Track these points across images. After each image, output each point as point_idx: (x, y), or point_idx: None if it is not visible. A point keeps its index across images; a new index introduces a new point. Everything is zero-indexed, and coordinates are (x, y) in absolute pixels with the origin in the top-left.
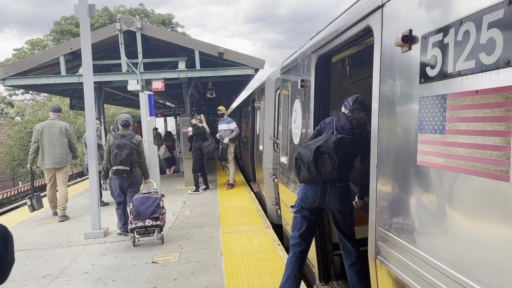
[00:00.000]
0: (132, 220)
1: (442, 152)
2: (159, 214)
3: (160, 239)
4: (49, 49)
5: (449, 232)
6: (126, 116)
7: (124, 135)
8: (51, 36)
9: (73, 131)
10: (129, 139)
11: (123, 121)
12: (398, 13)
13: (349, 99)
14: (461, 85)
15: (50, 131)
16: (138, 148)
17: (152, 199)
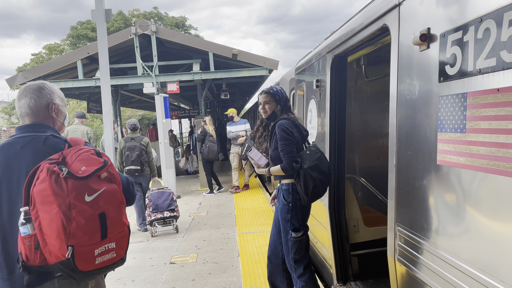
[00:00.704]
0: (151, 213)
1: (463, 151)
2: (174, 206)
3: (175, 229)
4: (67, 53)
5: (471, 232)
6: (133, 121)
7: (133, 138)
8: (68, 40)
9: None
10: (138, 141)
11: (131, 125)
12: (416, 12)
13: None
14: (482, 83)
15: (73, 135)
16: (146, 149)
17: (166, 194)
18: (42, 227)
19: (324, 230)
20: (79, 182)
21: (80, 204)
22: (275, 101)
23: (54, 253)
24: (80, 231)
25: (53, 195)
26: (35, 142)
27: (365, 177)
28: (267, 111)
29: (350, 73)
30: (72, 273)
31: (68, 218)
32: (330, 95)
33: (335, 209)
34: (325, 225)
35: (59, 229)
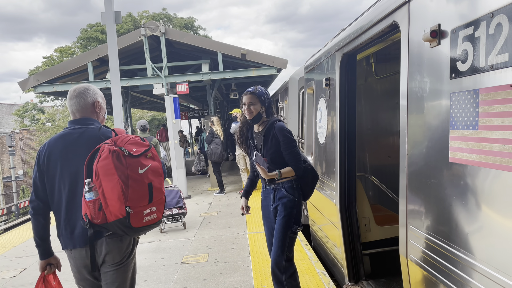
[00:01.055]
0: None
1: (476, 148)
2: (182, 204)
3: (183, 225)
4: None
5: (485, 230)
6: (143, 122)
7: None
8: (78, 43)
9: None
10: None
11: (141, 126)
12: (426, 8)
13: None
14: (494, 79)
15: None
16: (156, 148)
17: (174, 191)
18: (105, 193)
19: (335, 229)
20: (134, 159)
21: (135, 175)
22: (260, 102)
23: (114, 212)
24: (134, 195)
25: (114, 168)
26: (90, 131)
27: (376, 175)
28: (252, 112)
29: (360, 71)
30: (126, 229)
31: (126, 185)
32: (339, 93)
33: (346, 208)
34: (336, 224)
35: (119, 193)
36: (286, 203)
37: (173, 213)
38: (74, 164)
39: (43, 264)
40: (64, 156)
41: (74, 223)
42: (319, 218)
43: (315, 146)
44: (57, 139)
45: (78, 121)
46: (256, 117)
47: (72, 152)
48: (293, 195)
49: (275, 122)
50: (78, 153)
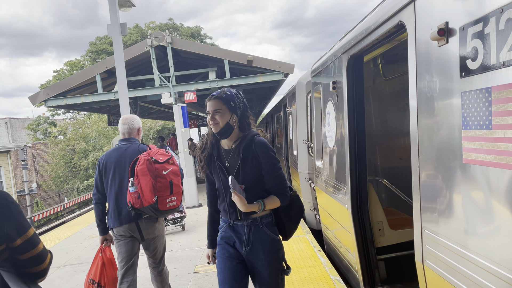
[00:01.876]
0: None
1: (490, 148)
2: (182, 208)
3: (182, 228)
4: (86, 69)
5: (503, 234)
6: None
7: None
8: (87, 56)
9: None
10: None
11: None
12: (432, 6)
13: None
14: (506, 76)
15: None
16: None
17: None
18: (142, 187)
19: (348, 234)
20: (160, 165)
21: (161, 175)
22: (229, 110)
23: (148, 200)
24: (161, 188)
25: (147, 171)
26: (133, 146)
27: (388, 178)
28: (218, 123)
29: (367, 72)
30: (155, 212)
31: (155, 182)
32: (347, 96)
33: (358, 213)
34: (349, 229)
35: (151, 187)
36: (272, 248)
37: (175, 217)
38: (123, 168)
39: (102, 238)
40: (117, 163)
41: (121, 208)
42: (331, 223)
43: (325, 150)
44: (112, 151)
45: (126, 139)
46: (224, 129)
47: (122, 160)
48: (275, 233)
49: (255, 138)
50: (124, 161)
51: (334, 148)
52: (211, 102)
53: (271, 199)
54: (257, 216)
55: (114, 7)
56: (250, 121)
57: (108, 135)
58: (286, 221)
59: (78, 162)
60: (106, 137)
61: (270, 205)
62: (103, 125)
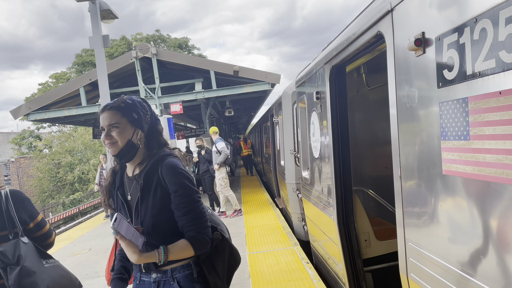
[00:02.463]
0: None
1: (469, 159)
2: None
3: None
4: (69, 81)
5: (484, 246)
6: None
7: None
8: (73, 68)
9: None
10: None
11: None
12: (409, 16)
13: None
14: (482, 86)
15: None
16: None
17: None
18: None
19: (335, 245)
20: None
21: None
22: (131, 123)
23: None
24: None
25: None
26: None
27: (375, 187)
28: (116, 141)
29: (351, 82)
30: None
31: None
32: (330, 106)
33: (344, 224)
34: (335, 240)
35: None
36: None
37: None
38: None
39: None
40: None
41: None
42: (318, 234)
43: (310, 160)
44: None
45: None
46: (125, 150)
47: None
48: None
49: (164, 159)
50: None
51: (319, 158)
52: (105, 114)
53: (179, 246)
54: (167, 268)
55: (96, 20)
56: (163, 139)
57: (94, 148)
58: (210, 275)
59: (64, 176)
60: (92, 150)
61: (176, 253)
62: (89, 138)
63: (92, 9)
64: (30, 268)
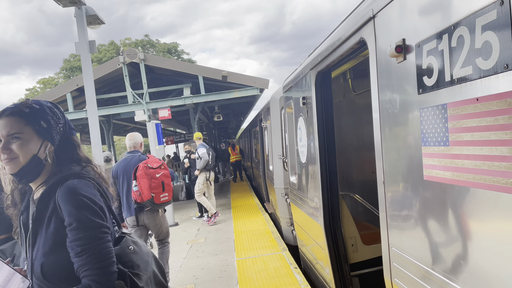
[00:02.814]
0: None
1: (448, 165)
2: None
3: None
4: (56, 87)
5: (463, 251)
6: (106, 153)
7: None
8: (61, 73)
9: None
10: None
11: (104, 157)
12: (390, 23)
13: None
14: (460, 93)
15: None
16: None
17: None
18: (141, 187)
19: (322, 250)
20: (154, 170)
21: (155, 178)
22: (37, 134)
23: (146, 196)
24: (155, 187)
25: (145, 175)
26: (136, 157)
27: (362, 192)
28: (17, 156)
29: (338, 87)
30: (152, 205)
31: (151, 182)
32: (316, 111)
33: (330, 229)
34: (322, 245)
35: (148, 187)
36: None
37: None
38: (129, 174)
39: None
40: (124, 170)
41: (130, 203)
42: (306, 239)
43: (298, 165)
44: (121, 162)
45: (131, 152)
46: (27, 167)
47: (128, 168)
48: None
49: (65, 180)
50: (130, 168)
51: (306, 163)
52: (2, 122)
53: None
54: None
55: (82, 25)
56: (78, 153)
57: None
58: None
59: None
60: None
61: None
62: None
63: (78, 14)
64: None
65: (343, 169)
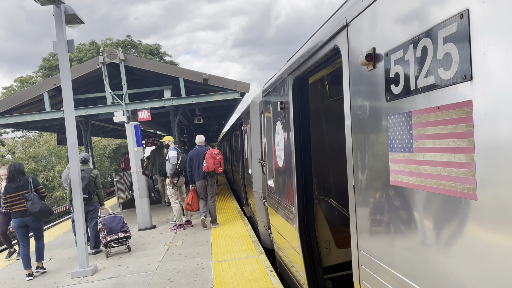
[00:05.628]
0: (106, 236)
1: (412, 170)
2: (126, 228)
3: (128, 248)
4: (33, 86)
5: (426, 254)
6: (84, 155)
7: (83, 169)
8: (40, 72)
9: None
10: (87, 173)
11: (81, 158)
12: (362, 32)
13: None
14: (423, 101)
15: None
16: (96, 180)
17: (118, 217)
18: (208, 164)
19: (297, 254)
20: (215, 155)
21: (216, 159)
22: None
23: (211, 169)
24: (216, 164)
25: (211, 158)
26: (203, 148)
27: (337, 196)
28: None
29: (315, 93)
30: (214, 174)
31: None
32: (293, 116)
33: (305, 232)
34: (297, 248)
35: (212, 164)
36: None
37: (119, 237)
38: (200, 157)
39: (193, 186)
40: (196, 155)
41: (200, 173)
42: (282, 242)
43: (275, 169)
44: (194, 150)
45: (199, 145)
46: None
47: (199, 154)
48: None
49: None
50: (200, 154)
51: (283, 167)
52: None
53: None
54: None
55: (60, 24)
56: None
57: (60, 154)
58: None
59: None
60: (58, 156)
61: None
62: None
63: (56, 13)
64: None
65: (320, 173)
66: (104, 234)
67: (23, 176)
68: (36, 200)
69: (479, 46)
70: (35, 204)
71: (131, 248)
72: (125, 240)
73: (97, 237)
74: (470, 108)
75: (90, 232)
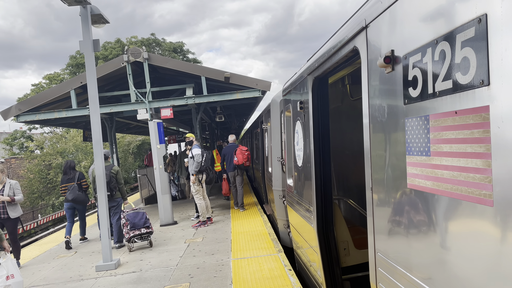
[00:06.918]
0: (129, 231)
1: (429, 174)
2: (149, 224)
3: (150, 244)
4: (61, 84)
5: (442, 259)
6: (104, 151)
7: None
8: (67, 70)
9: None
10: (108, 170)
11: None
12: (381, 34)
13: None
14: (441, 105)
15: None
16: (117, 176)
17: (141, 213)
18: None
19: (315, 253)
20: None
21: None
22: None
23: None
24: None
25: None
26: (234, 145)
27: (357, 197)
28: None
29: (336, 92)
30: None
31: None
32: (313, 116)
33: (323, 232)
34: (315, 248)
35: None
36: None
37: (142, 232)
38: (231, 153)
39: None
40: (228, 151)
41: (231, 165)
42: (301, 241)
43: (295, 168)
44: (226, 147)
45: (232, 143)
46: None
47: (230, 150)
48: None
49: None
50: (231, 150)
51: (302, 167)
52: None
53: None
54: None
55: (86, 24)
56: None
57: (86, 150)
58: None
59: (54, 178)
60: (84, 151)
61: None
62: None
63: (83, 13)
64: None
65: (340, 174)
66: (127, 229)
67: (73, 171)
68: (74, 191)
69: (497, 51)
70: (71, 193)
71: (153, 243)
72: (148, 235)
73: (120, 231)
74: (487, 113)
75: (114, 227)
